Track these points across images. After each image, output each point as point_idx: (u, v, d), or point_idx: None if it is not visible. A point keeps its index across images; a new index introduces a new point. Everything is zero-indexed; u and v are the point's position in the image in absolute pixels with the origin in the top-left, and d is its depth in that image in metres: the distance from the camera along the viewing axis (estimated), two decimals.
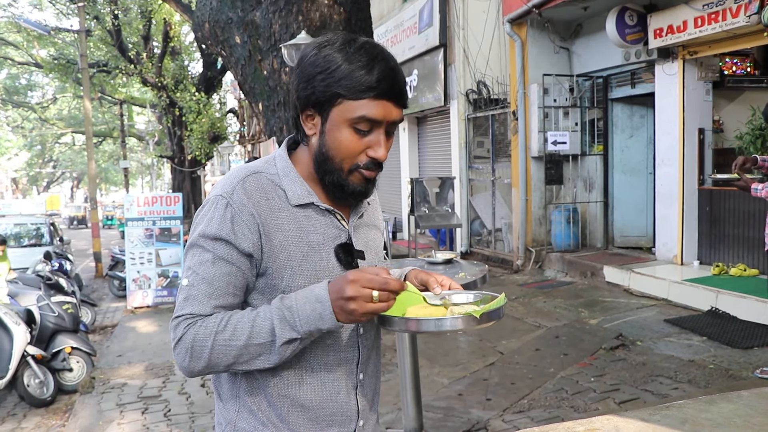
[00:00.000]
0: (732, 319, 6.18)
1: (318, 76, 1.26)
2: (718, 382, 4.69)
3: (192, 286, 1.25)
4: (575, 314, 6.88)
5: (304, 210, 1.32)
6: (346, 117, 1.26)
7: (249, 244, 1.26)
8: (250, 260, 1.28)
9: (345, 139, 1.27)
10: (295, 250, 1.29)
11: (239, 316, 1.23)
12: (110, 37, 20.02)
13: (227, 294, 1.27)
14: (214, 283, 1.25)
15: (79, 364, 6.36)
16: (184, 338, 1.22)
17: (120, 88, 26.12)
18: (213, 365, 1.22)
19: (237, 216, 1.26)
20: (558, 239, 9.59)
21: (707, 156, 7.99)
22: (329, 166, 1.30)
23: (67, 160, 49.38)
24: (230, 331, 1.21)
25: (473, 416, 4.37)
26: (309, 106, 1.30)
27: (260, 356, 1.22)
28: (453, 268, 3.40)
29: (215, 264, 1.25)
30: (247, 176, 1.31)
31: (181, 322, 1.24)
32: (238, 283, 1.28)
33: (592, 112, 9.66)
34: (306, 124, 1.32)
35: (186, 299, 1.25)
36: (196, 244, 1.28)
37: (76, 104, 33.19)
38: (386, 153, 1.30)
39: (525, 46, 9.78)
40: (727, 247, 7.57)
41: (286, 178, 1.33)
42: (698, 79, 7.86)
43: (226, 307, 1.26)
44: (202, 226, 1.28)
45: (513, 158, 10.10)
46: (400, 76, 1.28)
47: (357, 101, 1.25)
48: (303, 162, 1.36)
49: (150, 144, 33.70)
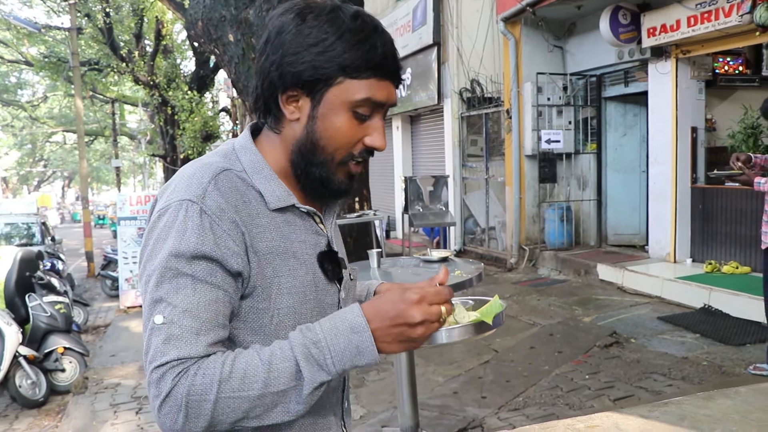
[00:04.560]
0: (725, 317, 6.21)
1: (312, 49, 1.05)
2: (711, 378, 4.71)
3: (171, 323, 0.96)
4: (569, 312, 6.90)
5: (283, 214, 1.11)
6: (346, 99, 1.07)
7: (237, 260, 1.02)
8: (237, 280, 1.03)
9: (342, 125, 1.08)
10: (281, 264, 1.08)
11: (248, 358, 0.97)
12: (102, 35, 19.91)
13: (217, 326, 1.00)
14: (201, 315, 0.98)
15: (71, 364, 6.33)
16: (175, 393, 0.93)
17: (111, 87, 25.94)
18: (216, 423, 0.95)
19: (216, 225, 1.01)
20: (551, 237, 9.61)
21: (700, 154, 8.03)
22: (318, 158, 1.10)
23: (58, 159, 49.12)
24: (239, 378, 0.94)
25: (469, 414, 4.37)
26: (295, 85, 1.08)
27: (277, 407, 0.97)
28: (448, 266, 3.40)
29: (197, 290, 0.98)
30: (218, 174, 1.06)
31: (167, 372, 0.94)
32: (226, 311, 1.02)
33: (586, 110, 9.68)
34: (287, 107, 1.10)
35: (167, 341, 0.96)
36: (165, 267, 0.99)
37: (67, 103, 33.01)
38: (385, 141, 1.13)
39: (519, 44, 9.78)
40: (719, 245, 7.60)
41: (257, 176, 1.10)
42: (691, 78, 7.89)
43: (218, 344, 1.00)
44: (171, 243, 1.00)
45: (507, 157, 10.11)
46: (398, 54, 1.13)
47: (361, 81, 1.07)
48: (271, 153, 1.14)
49: (142, 143, 33.54)
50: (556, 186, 9.91)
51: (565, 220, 9.50)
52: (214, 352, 0.98)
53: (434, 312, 0.98)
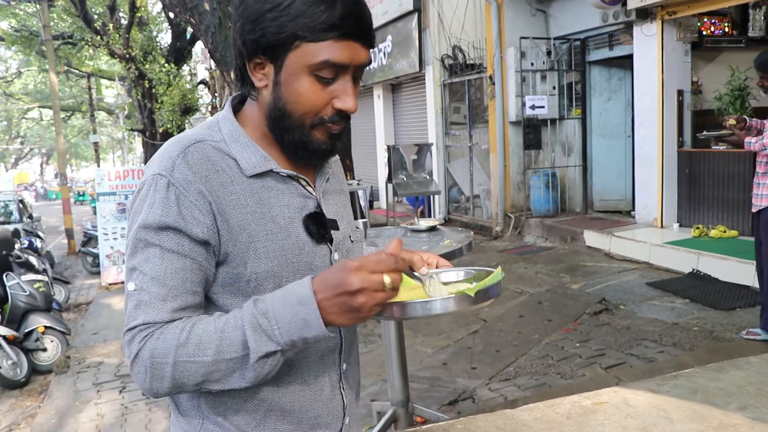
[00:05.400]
0: (713, 281, 6.18)
1: (267, 15, 1.04)
2: (702, 344, 4.67)
3: (141, 290, 1.02)
4: (557, 279, 6.85)
5: (261, 180, 1.11)
6: (305, 63, 1.05)
7: (202, 229, 1.04)
8: (206, 248, 1.06)
9: (305, 90, 1.07)
10: (257, 229, 1.08)
11: (204, 325, 1.00)
12: (74, 8, 19.37)
13: (185, 293, 1.04)
14: (167, 282, 1.02)
15: (53, 343, 6.19)
16: (141, 355, 1.00)
17: (87, 61, 25.42)
18: (179, 385, 1.01)
19: (183, 196, 1.04)
20: (537, 204, 9.54)
21: (686, 118, 7.95)
22: (287, 123, 1.10)
23: (35, 135, 48.27)
24: (194, 345, 0.98)
25: (459, 386, 4.31)
26: (258, 53, 1.08)
27: (234, 373, 0.99)
28: (437, 235, 3.29)
29: (164, 259, 1.03)
30: (188, 147, 1.08)
31: (136, 336, 1.01)
32: (195, 279, 1.05)
33: (570, 75, 9.56)
34: (255, 75, 1.10)
35: (137, 307, 1.02)
36: (136, 238, 1.04)
37: (41, 78, 32.32)
38: (355, 102, 1.10)
39: (501, 9, 9.59)
40: (706, 209, 7.56)
41: (235, 144, 1.11)
42: (677, 40, 7.77)
43: (186, 309, 1.04)
44: (142, 215, 1.05)
45: (490, 123, 9.98)
46: (365, 12, 1.09)
47: (318, 43, 1.04)
48: (253, 121, 1.15)
49: (120, 117, 32.99)
50: (540, 152, 9.82)
51: (551, 187, 9.43)
52: (180, 318, 1.02)
53: (375, 280, 0.94)
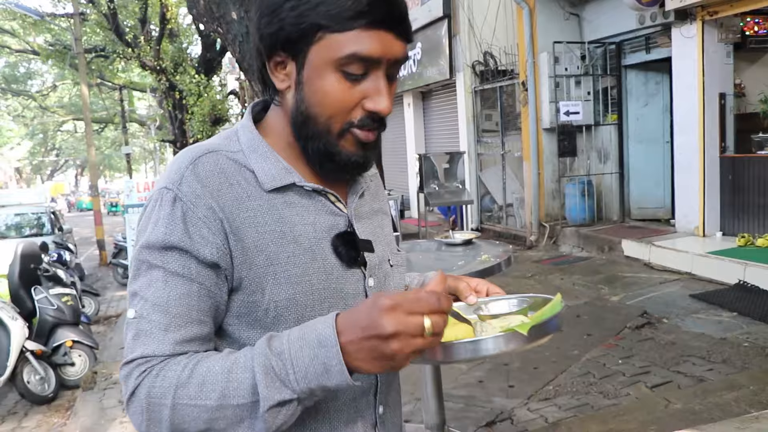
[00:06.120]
0: (762, 293, 5.87)
1: (285, 4, 0.92)
2: (755, 361, 4.40)
3: (141, 318, 0.89)
4: (595, 291, 6.60)
5: (282, 195, 0.98)
6: (330, 57, 0.91)
7: (211, 250, 0.91)
8: (216, 272, 0.92)
9: (331, 89, 0.93)
10: (277, 250, 0.94)
11: (210, 363, 0.86)
12: (106, 21, 19.62)
13: (190, 322, 0.90)
14: (170, 310, 0.89)
15: (81, 358, 6.11)
16: (138, 393, 0.87)
17: (119, 73, 25.75)
18: (179, 431, 0.86)
19: (190, 212, 0.91)
20: (573, 213, 9.28)
21: (729, 122, 7.64)
22: (312, 129, 0.96)
23: (70, 147, 49.07)
24: (196, 385, 0.84)
25: (496, 405, 4.10)
26: (278, 49, 0.95)
27: (242, 422, 0.84)
28: (473, 249, 3.12)
29: (168, 283, 0.90)
30: (199, 157, 0.95)
31: (133, 371, 0.88)
32: (203, 306, 0.91)
33: (605, 80, 9.29)
34: (276, 75, 0.98)
35: (136, 337, 0.89)
36: (139, 259, 0.92)
37: (76, 91, 32.78)
38: (390, 103, 0.95)
39: (533, 13, 9.38)
40: (752, 217, 7.24)
41: (254, 155, 0.98)
42: (718, 41, 7.47)
43: (192, 342, 0.90)
44: (146, 234, 0.92)
45: (523, 130, 9.75)
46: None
47: (343, 33, 0.90)
48: (276, 130, 1.02)
49: (152, 129, 33.35)
50: (575, 159, 9.56)
51: (587, 195, 9.15)
52: (185, 352, 0.89)
53: (412, 323, 0.78)
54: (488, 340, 0.87)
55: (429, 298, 0.79)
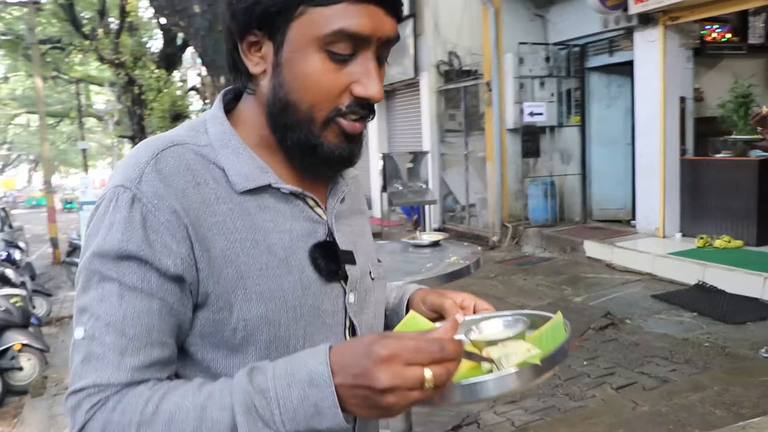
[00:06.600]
0: (721, 293, 5.95)
1: None
2: (716, 361, 4.44)
3: (92, 338, 0.76)
4: (558, 292, 6.61)
5: (256, 197, 0.86)
6: (314, 34, 0.80)
7: (175, 261, 0.78)
8: (180, 286, 0.79)
9: (315, 71, 0.81)
10: (248, 262, 0.83)
11: (178, 398, 0.74)
12: (63, 12, 19.12)
13: (150, 345, 0.77)
14: (127, 330, 0.76)
15: (30, 362, 5.86)
16: (89, 429, 0.74)
17: (76, 66, 25.12)
18: None
19: (151, 216, 0.78)
20: (535, 214, 9.32)
21: (689, 125, 7.76)
22: (292, 118, 0.84)
23: (23, 142, 47.65)
24: (163, 424, 0.72)
25: (462, 409, 4.04)
26: (252, 27, 0.83)
27: None
28: (441, 251, 3.05)
29: (124, 298, 0.77)
30: (162, 151, 0.82)
31: (83, 402, 0.75)
32: (164, 326, 0.79)
33: (569, 81, 9.36)
34: (249, 58, 0.85)
35: (85, 361, 0.76)
36: (89, 269, 0.79)
37: (29, 83, 31.81)
38: (381, 88, 0.85)
39: (499, 14, 9.39)
40: (710, 219, 7.34)
41: (224, 150, 0.86)
42: (679, 46, 7.58)
43: (153, 367, 0.78)
44: (98, 240, 0.79)
45: (487, 131, 9.76)
46: None
47: (329, 7, 0.79)
48: (249, 121, 0.90)
49: (110, 124, 32.56)
50: (539, 160, 9.61)
51: (549, 196, 9.20)
52: (145, 379, 0.77)
53: (411, 376, 0.68)
54: (494, 380, 0.75)
55: (431, 347, 0.69)
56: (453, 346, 0.70)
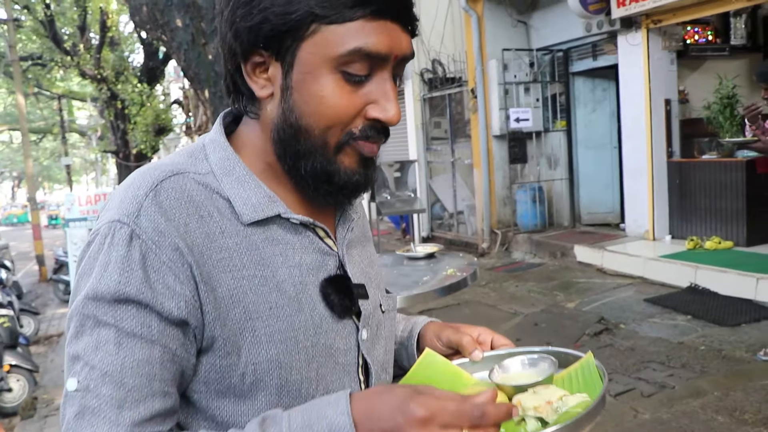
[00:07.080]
0: (714, 295, 5.96)
1: None
2: (713, 365, 4.42)
3: (87, 390, 0.70)
4: (551, 298, 6.59)
5: (263, 229, 0.80)
6: (328, 54, 0.75)
7: (178, 303, 0.72)
8: (184, 330, 0.74)
9: (330, 93, 0.76)
10: (257, 301, 0.77)
11: None
12: (43, 28, 19.00)
13: (152, 396, 0.71)
14: (126, 381, 0.70)
15: (19, 383, 5.77)
16: None
17: (58, 82, 24.95)
18: None
19: (151, 255, 0.72)
20: (524, 219, 9.31)
21: (675, 127, 7.79)
22: (305, 145, 0.78)
23: (6, 159, 47.25)
24: None
25: None
26: (258, 47, 0.77)
27: None
28: (437, 263, 3.01)
29: (122, 346, 0.71)
30: (161, 182, 0.76)
31: None
32: (167, 375, 0.73)
33: (553, 86, 9.38)
34: (254, 80, 0.80)
35: (80, 416, 0.69)
36: (83, 313, 0.72)
37: (11, 100, 31.63)
38: (398, 110, 0.80)
39: (482, 20, 9.41)
40: (699, 220, 7.37)
41: (228, 179, 0.81)
42: (663, 49, 7.62)
43: (154, 420, 0.72)
44: (92, 281, 0.72)
45: (473, 138, 9.76)
46: None
47: (343, 24, 0.74)
48: (253, 147, 0.84)
49: (93, 139, 32.36)
50: (526, 166, 9.61)
51: (538, 201, 9.21)
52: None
53: None
54: None
55: (472, 412, 0.65)
56: (495, 412, 0.65)
